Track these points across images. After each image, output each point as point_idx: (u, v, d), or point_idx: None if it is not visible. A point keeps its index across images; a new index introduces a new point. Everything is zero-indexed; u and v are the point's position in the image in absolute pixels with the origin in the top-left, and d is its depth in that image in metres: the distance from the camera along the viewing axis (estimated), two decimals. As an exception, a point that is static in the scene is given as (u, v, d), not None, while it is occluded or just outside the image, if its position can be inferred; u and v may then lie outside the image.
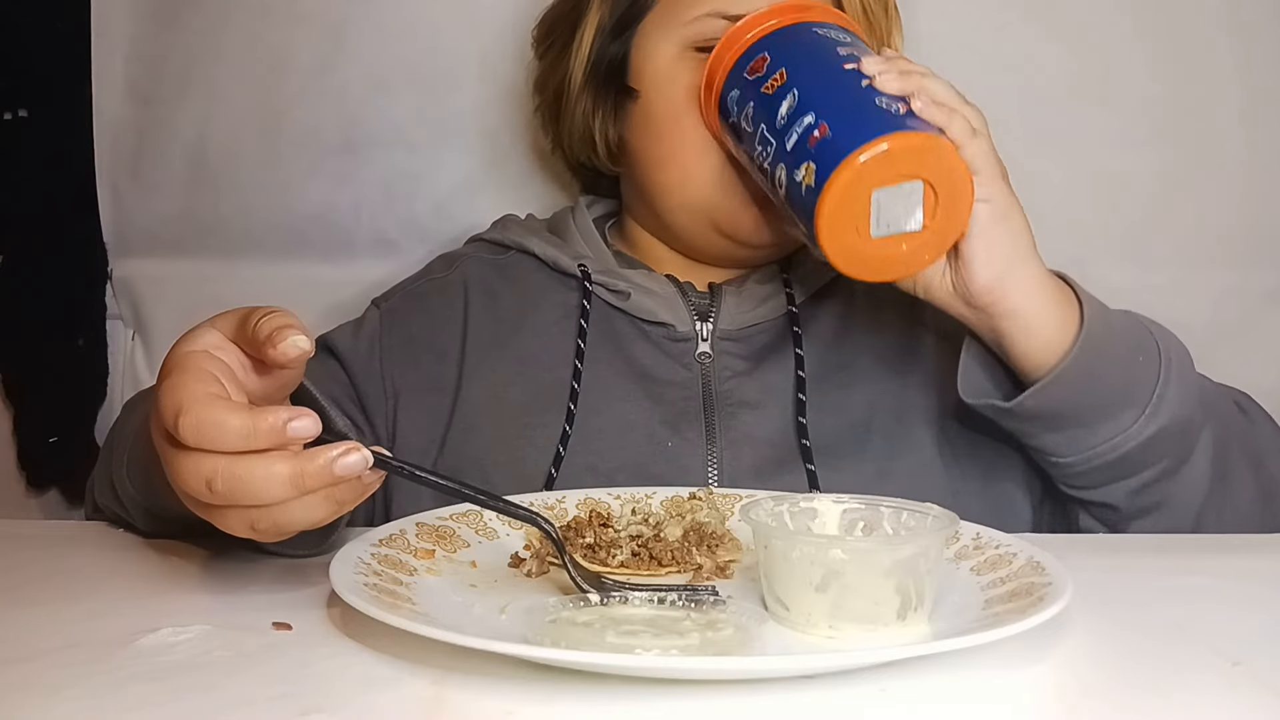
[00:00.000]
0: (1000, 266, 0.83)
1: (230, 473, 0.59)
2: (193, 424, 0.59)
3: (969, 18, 1.22)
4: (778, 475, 0.93)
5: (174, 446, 0.61)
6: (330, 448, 0.59)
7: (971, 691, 0.57)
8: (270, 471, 0.59)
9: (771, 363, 0.98)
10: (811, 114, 0.82)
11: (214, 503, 0.61)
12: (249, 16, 1.24)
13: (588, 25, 1.03)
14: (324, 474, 0.59)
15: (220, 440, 0.59)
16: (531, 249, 1.04)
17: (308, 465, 0.59)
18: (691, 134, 0.95)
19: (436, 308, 1.03)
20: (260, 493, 0.59)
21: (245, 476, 0.59)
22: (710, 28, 0.94)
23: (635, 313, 1.00)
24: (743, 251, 1.00)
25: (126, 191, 1.27)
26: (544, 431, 0.94)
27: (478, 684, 0.56)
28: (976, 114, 0.84)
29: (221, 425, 0.59)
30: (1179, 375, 0.86)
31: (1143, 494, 0.88)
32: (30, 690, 0.56)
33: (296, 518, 0.61)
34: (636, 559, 0.74)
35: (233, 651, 0.61)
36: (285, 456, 0.59)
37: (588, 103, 1.04)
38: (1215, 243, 1.23)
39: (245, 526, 0.62)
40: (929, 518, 0.67)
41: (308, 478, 0.59)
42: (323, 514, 0.62)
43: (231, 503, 0.60)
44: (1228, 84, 1.21)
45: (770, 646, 0.61)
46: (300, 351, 0.61)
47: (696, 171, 0.96)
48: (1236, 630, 0.65)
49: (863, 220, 0.79)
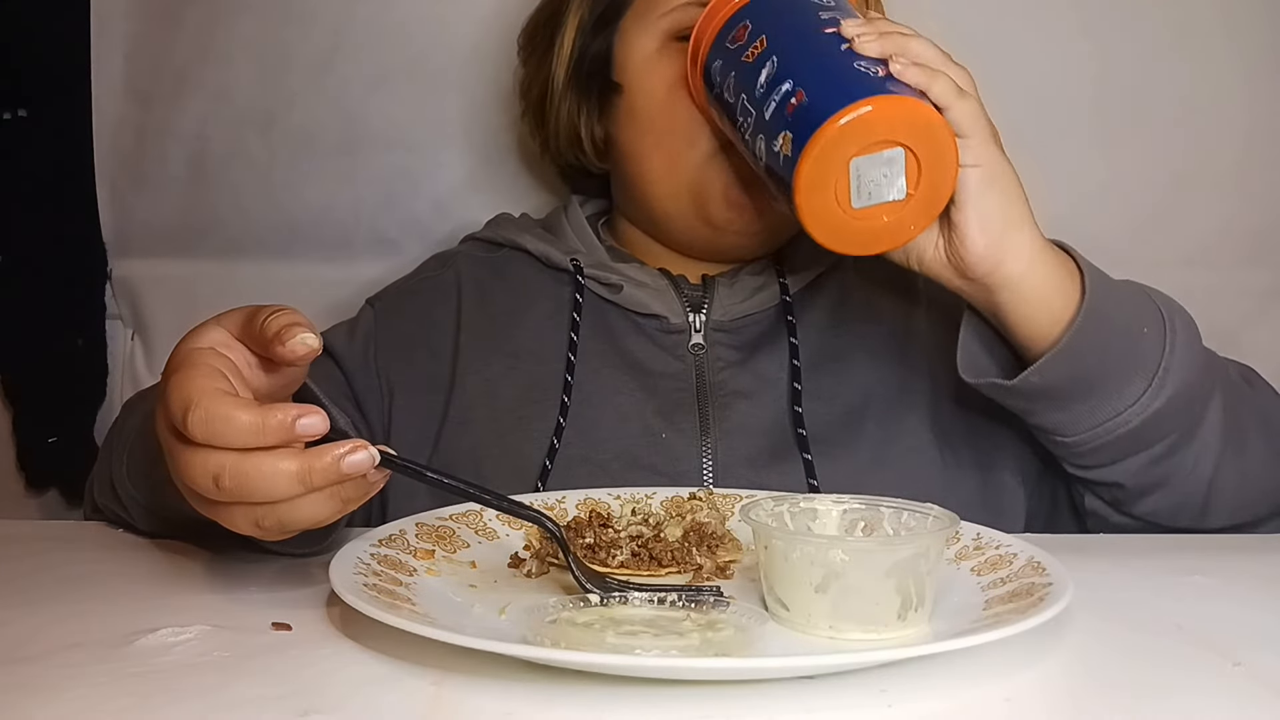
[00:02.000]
0: (994, 234, 0.80)
1: (238, 469, 0.59)
2: (202, 419, 0.59)
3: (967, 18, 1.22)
4: (773, 465, 0.93)
5: (180, 442, 0.61)
6: (337, 445, 0.60)
7: (971, 691, 0.57)
8: (278, 468, 0.59)
9: (765, 352, 0.99)
10: (789, 81, 0.79)
11: (220, 499, 0.61)
12: (249, 16, 1.24)
13: (568, 26, 1.04)
14: (331, 471, 0.59)
15: (229, 435, 0.59)
16: (525, 245, 1.04)
17: (315, 462, 0.59)
18: (675, 123, 0.96)
19: (430, 305, 1.04)
20: (267, 489, 0.59)
21: (252, 473, 0.59)
22: (689, 16, 0.94)
23: (628, 305, 1.00)
24: (728, 240, 1.00)
25: (126, 191, 1.27)
26: (538, 424, 0.95)
27: (478, 684, 0.56)
28: (963, 73, 0.81)
29: (230, 420, 0.59)
30: (1185, 342, 0.84)
31: (1152, 469, 0.86)
32: (30, 690, 0.56)
33: (302, 515, 0.61)
34: (636, 559, 0.74)
35: (233, 651, 0.61)
36: (292, 453, 0.59)
37: (572, 102, 1.05)
38: (1216, 243, 1.23)
39: (250, 524, 0.62)
40: (929, 518, 0.67)
41: (315, 474, 0.59)
42: (328, 512, 0.62)
43: (238, 499, 0.60)
44: (1228, 84, 1.21)
45: (770, 646, 0.61)
46: (308, 349, 0.62)
47: (681, 160, 0.97)
48: (1236, 630, 0.65)
49: (842, 190, 0.77)
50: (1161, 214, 1.22)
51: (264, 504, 0.61)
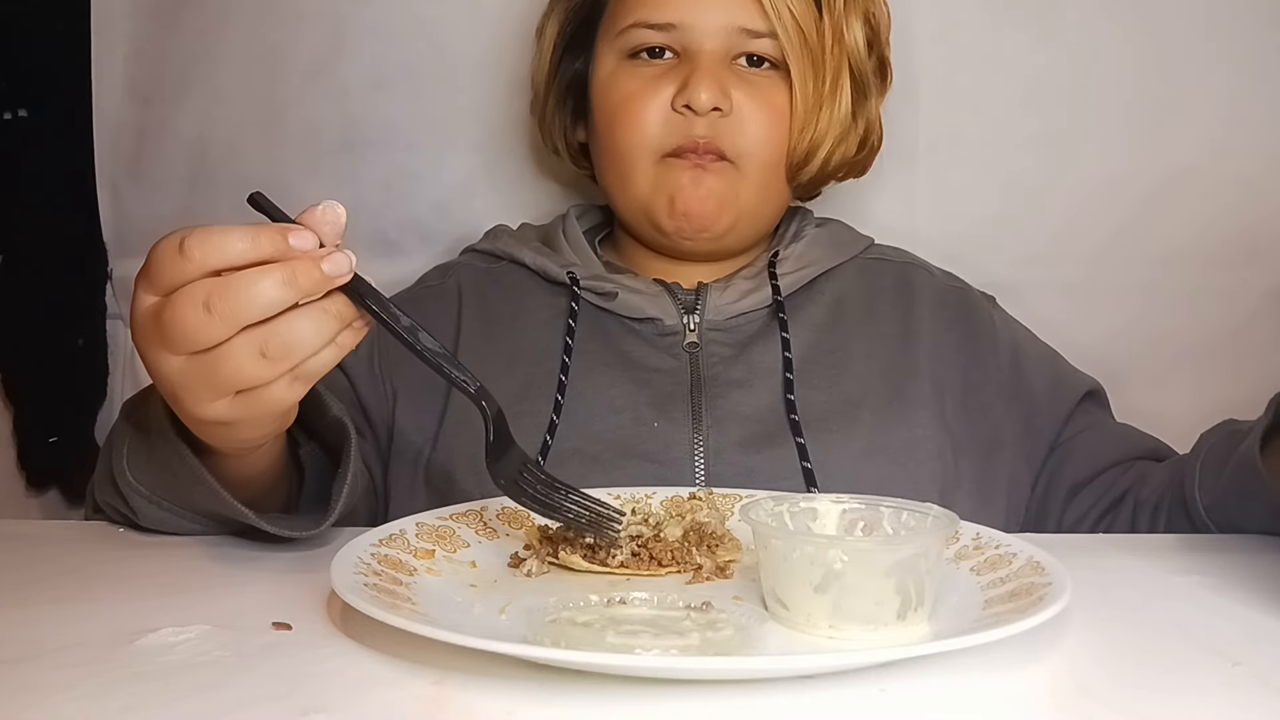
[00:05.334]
0: None
1: (225, 285, 0.61)
2: (199, 239, 0.62)
3: (967, 19, 1.22)
4: (765, 450, 0.93)
5: (164, 300, 0.63)
6: (316, 251, 0.63)
7: (971, 691, 0.57)
8: (264, 275, 0.61)
9: (760, 348, 1.00)
10: None
11: (212, 333, 0.62)
12: (249, 16, 1.24)
13: (547, 38, 1.10)
14: (313, 271, 0.62)
15: (226, 246, 0.62)
16: (522, 259, 1.06)
17: (299, 264, 0.62)
18: (623, 140, 1.00)
19: (431, 312, 1.05)
20: (255, 296, 0.61)
21: (240, 283, 0.61)
22: (636, 38, 1.00)
23: (623, 312, 1.01)
24: (688, 245, 1.03)
25: (126, 191, 1.27)
26: (532, 420, 0.95)
27: (478, 684, 0.56)
28: None
29: (226, 233, 0.62)
30: None
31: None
32: (30, 690, 0.56)
33: (301, 336, 0.63)
34: (636, 559, 0.74)
35: (233, 651, 0.61)
36: (277, 265, 0.62)
37: (551, 108, 1.12)
38: (1212, 243, 1.23)
39: (254, 354, 0.63)
40: (929, 518, 0.67)
41: (300, 276, 0.62)
42: (326, 330, 0.63)
43: (231, 320, 0.62)
44: (1225, 85, 1.21)
45: (770, 646, 0.61)
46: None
47: (629, 172, 1.01)
48: (1236, 630, 0.65)
49: None
50: (1159, 214, 1.22)
51: (261, 326, 0.62)
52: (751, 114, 0.99)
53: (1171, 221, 1.22)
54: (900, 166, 1.21)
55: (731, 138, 0.99)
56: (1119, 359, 1.19)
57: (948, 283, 1.09)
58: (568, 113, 1.11)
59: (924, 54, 1.20)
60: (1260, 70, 1.21)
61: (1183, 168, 1.22)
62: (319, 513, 0.77)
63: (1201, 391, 1.20)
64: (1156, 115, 1.21)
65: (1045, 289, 1.21)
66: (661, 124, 0.99)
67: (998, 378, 1.03)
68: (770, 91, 1.00)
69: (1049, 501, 1.00)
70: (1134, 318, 1.23)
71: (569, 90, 1.10)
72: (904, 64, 1.14)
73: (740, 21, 0.98)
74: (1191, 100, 1.21)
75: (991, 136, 1.22)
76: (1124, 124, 1.22)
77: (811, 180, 1.04)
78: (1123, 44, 1.21)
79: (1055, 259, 1.23)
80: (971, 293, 1.09)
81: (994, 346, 1.04)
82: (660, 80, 0.99)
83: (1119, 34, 1.21)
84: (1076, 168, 1.22)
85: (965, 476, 0.96)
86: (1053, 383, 1.04)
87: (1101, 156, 1.22)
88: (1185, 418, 0.99)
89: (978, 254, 1.19)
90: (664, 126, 0.99)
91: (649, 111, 0.99)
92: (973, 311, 1.06)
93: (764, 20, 0.98)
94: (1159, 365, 1.23)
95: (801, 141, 1.00)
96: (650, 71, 1.00)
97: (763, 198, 1.02)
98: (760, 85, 1.00)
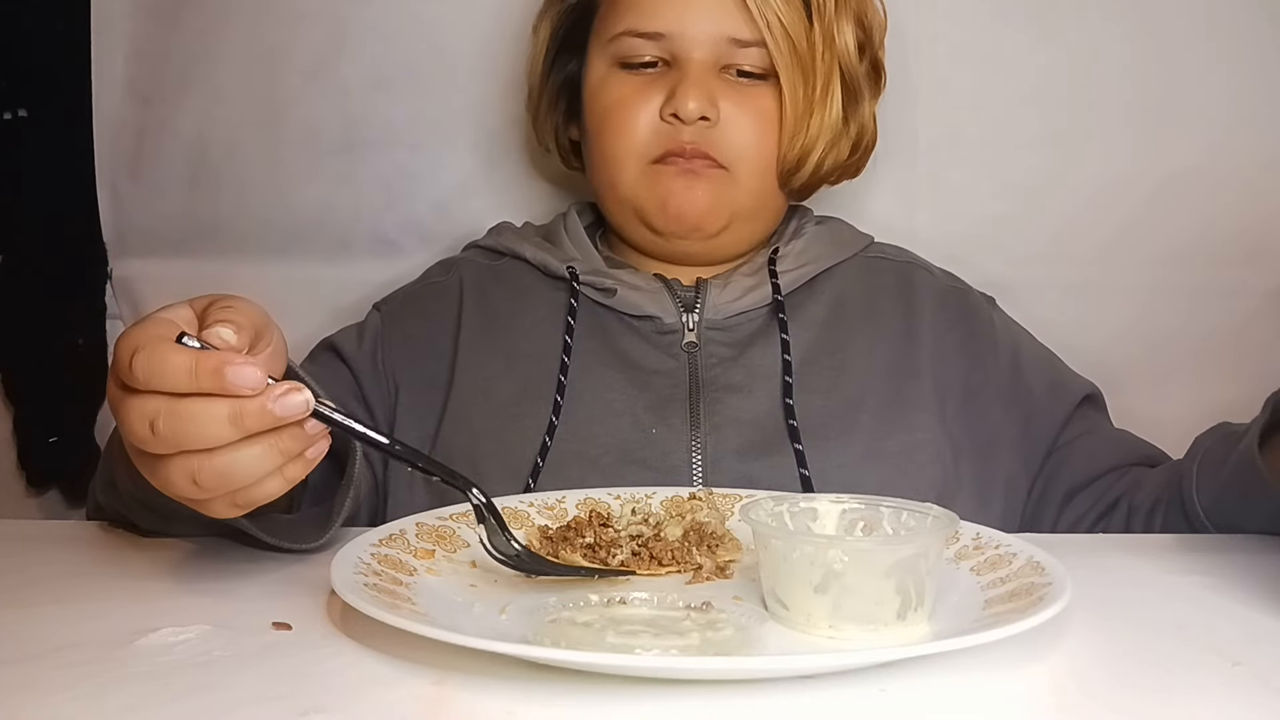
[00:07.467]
0: None
1: (172, 410, 0.59)
2: (144, 360, 0.59)
3: (967, 19, 1.22)
4: (763, 457, 0.93)
5: (126, 393, 0.61)
6: (272, 387, 0.59)
7: (971, 691, 0.57)
8: (209, 409, 0.59)
9: (759, 348, 0.99)
10: None
11: (157, 450, 0.61)
12: (249, 16, 1.24)
13: (541, 37, 1.11)
14: (263, 413, 0.59)
15: (165, 374, 0.59)
16: (524, 254, 1.07)
17: (247, 404, 0.59)
18: (612, 145, 1.01)
19: (433, 309, 1.05)
20: (199, 430, 0.59)
21: (184, 414, 0.59)
22: (626, 46, 1.01)
23: (622, 308, 1.01)
24: (682, 246, 1.03)
25: (126, 191, 1.27)
26: (531, 422, 0.95)
27: (478, 684, 0.56)
28: None
29: (167, 360, 0.59)
30: None
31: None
32: (30, 690, 0.56)
33: (241, 469, 0.61)
34: (636, 559, 0.74)
35: (233, 651, 0.61)
36: (227, 399, 0.59)
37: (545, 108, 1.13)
38: (1213, 243, 1.23)
39: (187, 479, 0.61)
40: (929, 518, 0.67)
41: (247, 417, 0.59)
42: (268, 465, 0.61)
43: (173, 445, 0.60)
44: (1225, 85, 1.21)
45: (770, 646, 0.61)
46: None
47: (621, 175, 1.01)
48: (1236, 630, 0.65)
49: None
50: (1158, 215, 1.22)
51: (200, 453, 0.60)
52: (740, 123, 0.99)
53: (1172, 222, 1.22)
54: (900, 166, 1.21)
55: (720, 146, 0.99)
56: (1119, 359, 1.19)
57: (948, 283, 1.09)
58: (561, 111, 1.12)
59: (924, 54, 1.20)
60: (1260, 70, 1.21)
61: (1183, 168, 1.22)
62: (320, 516, 0.77)
63: (1202, 391, 1.20)
64: (1157, 115, 1.21)
65: (1045, 289, 1.21)
66: (650, 131, 0.99)
67: (998, 380, 1.03)
68: (759, 99, 1.00)
69: (1044, 505, 1.01)
70: (1134, 318, 1.23)
71: (562, 90, 1.11)
72: (903, 64, 1.14)
73: (729, 31, 0.98)
74: (1192, 100, 1.21)
75: (991, 136, 1.22)
76: (1124, 124, 1.22)
77: (805, 184, 1.05)
78: (1123, 44, 1.21)
79: (1055, 259, 1.23)
80: (971, 294, 1.09)
81: (994, 348, 1.04)
82: (649, 88, 1.00)
83: (1119, 34, 1.21)
84: (1076, 168, 1.22)
85: (965, 479, 0.96)
86: (1051, 386, 1.04)
87: (1101, 157, 1.22)
88: (1185, 418, 0.98)
89: (978, 254, 1.19)
90: (652, 134, 0.99)
91: (638, 119, 1.00)
92: (973, 313, 1.06)
93: (753, 29, 0.98)
94: (1159, 365, 1.23)
95: (792, 148, 1.00)
96: (639, 79, 1.01)
97: (757, 201, 1.02)
98: (749, 93, 1.00)
